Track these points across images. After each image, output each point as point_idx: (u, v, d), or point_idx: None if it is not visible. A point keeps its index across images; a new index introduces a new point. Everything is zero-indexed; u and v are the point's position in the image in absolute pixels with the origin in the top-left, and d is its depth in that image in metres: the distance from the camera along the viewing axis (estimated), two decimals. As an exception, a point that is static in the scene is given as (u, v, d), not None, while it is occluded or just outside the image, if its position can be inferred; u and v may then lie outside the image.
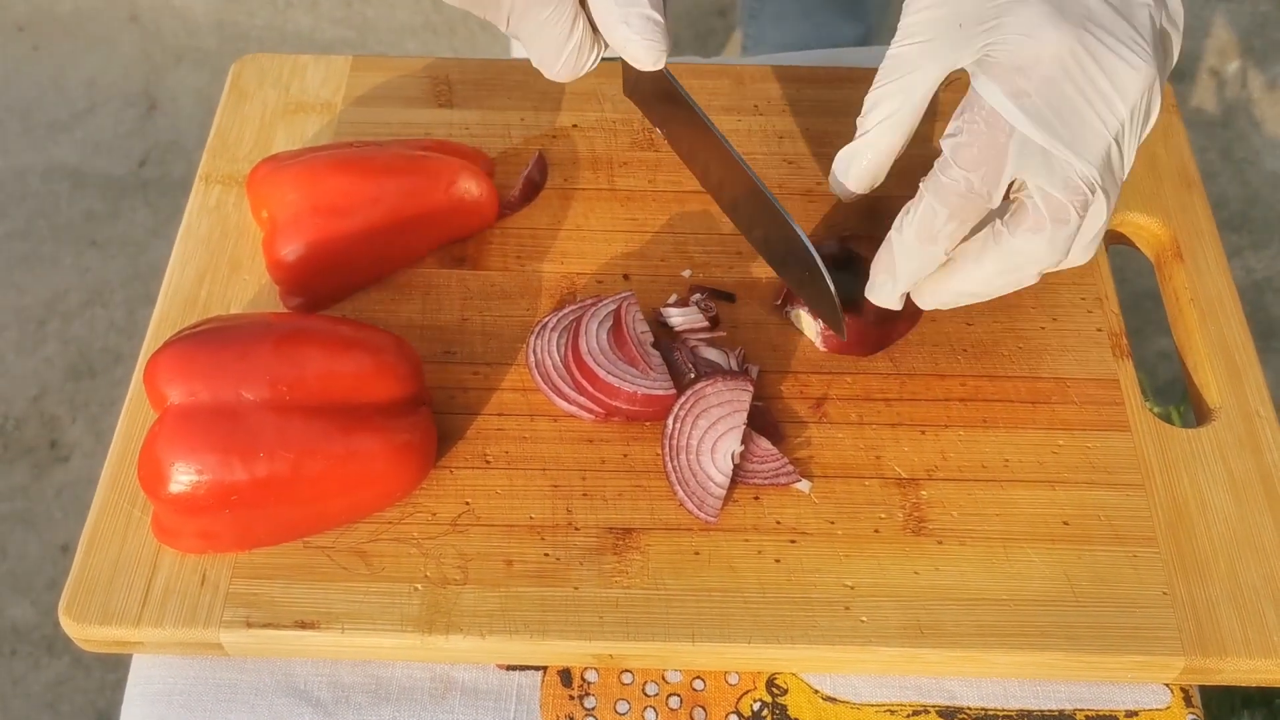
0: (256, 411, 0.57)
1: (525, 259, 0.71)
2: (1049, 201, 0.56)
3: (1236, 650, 0.58)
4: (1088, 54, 0.55)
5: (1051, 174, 0.56)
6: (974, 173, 0.56)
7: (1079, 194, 0.56)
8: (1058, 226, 0.57)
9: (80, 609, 0.58)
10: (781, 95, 0.79)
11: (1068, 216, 0.56)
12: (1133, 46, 0.55)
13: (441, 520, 0.61)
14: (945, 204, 0.58)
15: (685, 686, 0.59)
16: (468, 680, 0.60)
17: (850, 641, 0.57)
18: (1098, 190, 0.56)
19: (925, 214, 0.58)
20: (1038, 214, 0.57)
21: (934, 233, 0.58)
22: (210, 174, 0.74)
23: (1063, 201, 0.56)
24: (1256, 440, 0.64)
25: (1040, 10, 0.55)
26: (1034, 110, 0.55)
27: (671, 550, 0.60)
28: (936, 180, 0.58)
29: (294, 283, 0.67)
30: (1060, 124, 0.55)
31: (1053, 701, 0.59)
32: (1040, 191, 0.56)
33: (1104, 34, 0.55)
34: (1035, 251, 0.58)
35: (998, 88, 0.56)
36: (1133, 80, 0.55)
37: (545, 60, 0.60)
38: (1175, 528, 0.61)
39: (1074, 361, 0.67)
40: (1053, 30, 0.55)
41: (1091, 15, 0.55)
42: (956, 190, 0.57)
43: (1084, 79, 0.55)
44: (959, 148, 0.57)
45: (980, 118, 0.56)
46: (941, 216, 0.58)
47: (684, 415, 0.62)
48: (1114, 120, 0.56)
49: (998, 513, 0.61)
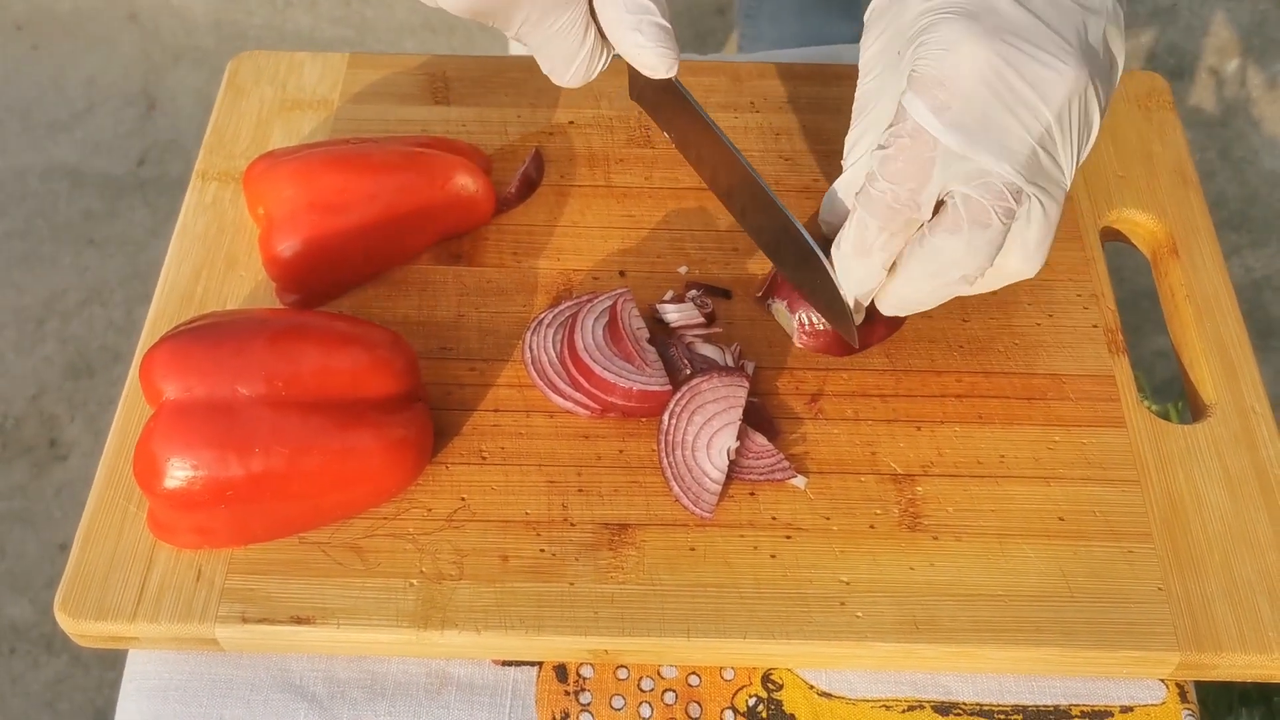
0: (252, 407, 0.57)
1: (522, 255, 0.71)
2: (968, 203, 0.57)
3: (1231, 646, 0.58)
4: (1007, 64, 0.55)
5: (970, 179, 0.56)
6: (900, 185, 0.57)
7: (1000, 198, 0.57)
8: (975, 229, 0.57)
9: (76, 604, 0.58)
10: (778, 92, 0.79)
11: (988, 220, 0.57)
12: (1055, 53, 0.56)
13: (437, 516, 0.61)
14: (875, 216, 0.58)
15: (681, 682, 0.59)
16: (463, 676, 0.60)
17: (846, 637, 0.57)
18: (1025, 195, 0.57)
19: (858, 228, 0.59)
20: (955, 215, 0.57)
21: (868, 245, 0.59)
22: (207, 170, 0.74)
23: (982, 204, 0.57)
24: (1252, 436, 0.64)
25: (958, 25, 0.56)
26: (955, 122, 0.56)
27: (667, 546, 0.60)
28: (866, 193, 0.59)
29: (290, 279, 0.67)
30: (982, 132, 0.56)
31: (1048, 697, 0.59)
32: (960, 195, 0.57)
33: (1024, 43, 0.56)
34: (954, 253, 0.58)
35: (920, 102, 0.56)
36: (1056, 84, 0.56)
37: (556, 69, 0.61)
38: (1170, 523, 0.61)
39: (1070, 358, 0.67)
40: (971, 43, 0.55)
41: (1011, 26, 0.56)
42: (884, 202, 0.58)
43: (1004, 88, 0.56)
44: (886, 160, 0.58)
45: (906, 132, 0.57)
46: (873, 229, 0.59)
47: (679, 411, 0.62)
48: (1037, 125, 0.56)
49: (993, 508, 0.61)
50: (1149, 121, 0.78)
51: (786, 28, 1.28)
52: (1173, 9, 1.91)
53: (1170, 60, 1.86)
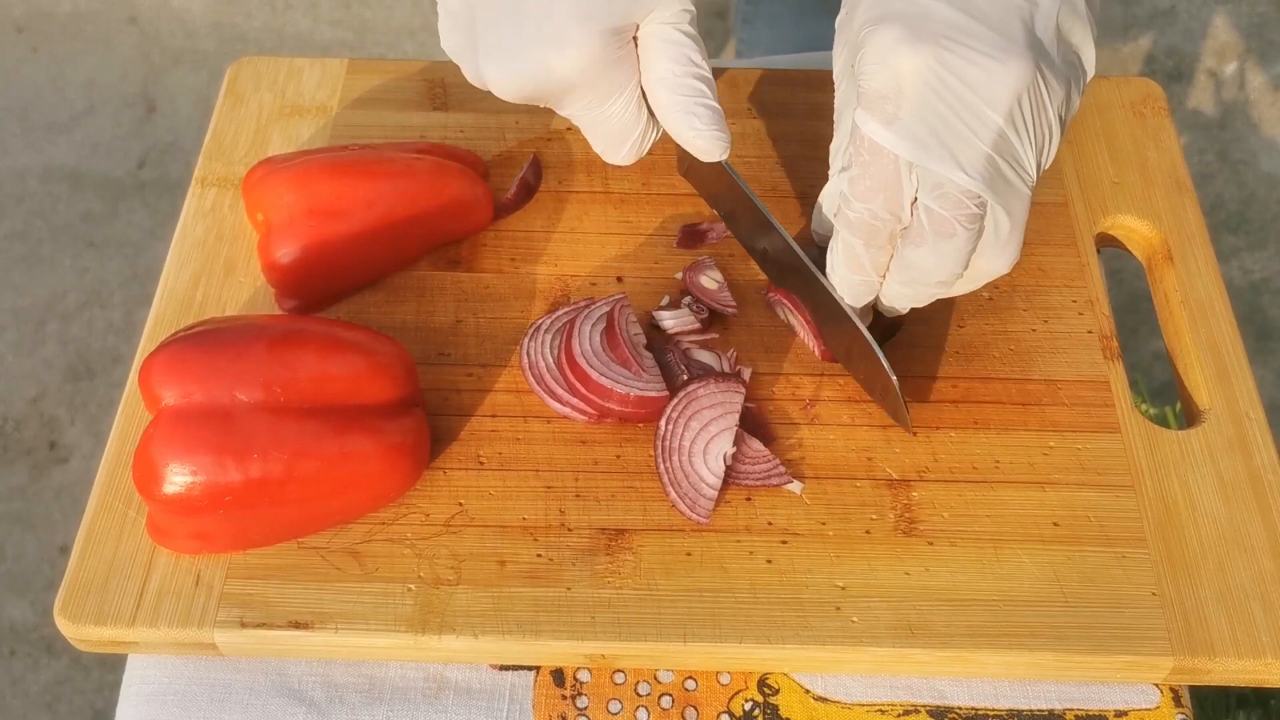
0: (251, 413, 0.57)
1: (519, 261, 0.71)
2: (930, 215, 0.57)
3: (1225, 650, 0.58)
4: (947, 70, 0.54)
5: (933, 189, 0.56)
6: (873, 202, 0.57)
7: (960, 207, 0.56)
8: (941, 239, 0.57)
9: (75, 609, 0.58)
10: (775, 98, 0.79)
11: (952, 230, 0.57)
12: (994, 53, 0.54)
13: (435, 521, 0.61)
14: (858, 236, 0.59)
15: (677, 686, 0.60)
16: (461, 680, 0.60)
17: (841, 642, 0.58)
18: (988, 201, 0.56)
19: (845, 249, 0.60)
20: (920, 228, 0.57)
21: (859, 263, 0.60)
22: (206, 177, 0.75)
23: (945, 216, 0.56)
24: (1246, 442, 0.65)
25: (894, 33, 0.55)
26: (907, 133, 0.55)
27: (664, 551, 0.60)
28: (844, 216, 0.59)
29: (289, 285, 0.68)
30: (935, 142, 0.55)
31: (1042, 701, 0.60)
32: (923, 207, 0.57)
33: (961, 46, 0.54)
34: (925, 264, 0.58)
35: (869, 117, 0.56)
36: (999, 86, 0.54)
37: (610, 149, 0.62)
38: (1165, 529, 0.62)
39: (1065, 363, 0.67)
40: (908, 51, 0.54)
41: (948, 29, 0.55)
42: (863, 221, 0.58)
43: (949, 94, 0.55)
44: (854, 181, 0.58)
45: (864, 149, 0.57)
46: (859, 247, 0.59)
47: (676, 417, 0.62)
48: (987, 131, 0.55)
49: (988, 514, 0.62)
50: (1144, 127, 0.78)
51: (783, 32, 1.28)
52: (1171, 11, 1.92)
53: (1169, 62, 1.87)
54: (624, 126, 0.61)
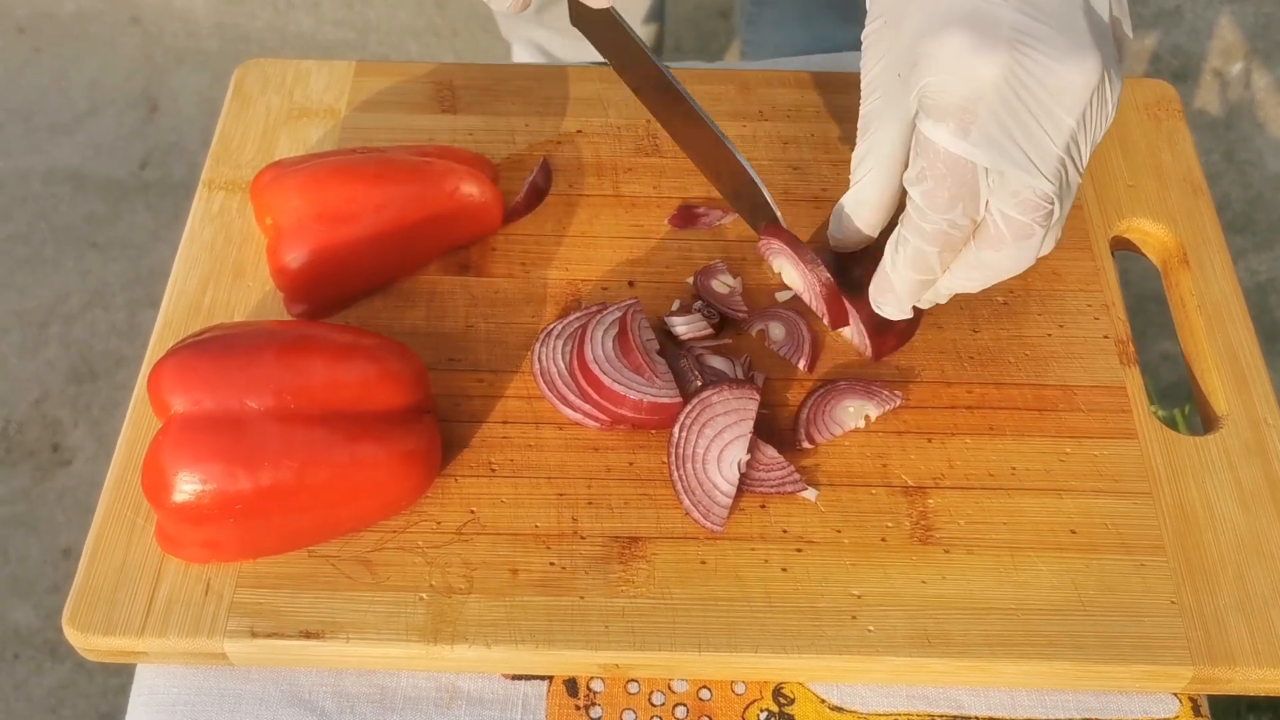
0: (260, 420, 0.57)
1: (530, 266, 0.71)
2: (1008, 222, 0.57)
3: (1245, 660, 0.57)
4: (1025, 72, 0.54)
5: (1010, 195, 0.56)
6: (952, 212, 0.57)
7: (1039, 211, 0.56)
8: (1020, 242, 0.57)
9: (84, 619, 0.58)
10: (786, 101, 0.79)
11: (1030, 233, 0.57)
12: (1068, 55, 0.54)
13: (446, 529, 0.60)
14: (934, 244, 0.58)
15: (691, 696, 0.59)
16: (473, 690, 0.59)
17: (857, 651, 0.57)
18: (1055, 200, 0.56)
19: (916, 255, 0.59)
20: (999, 232, 0.57)
21: (928, 266, 0.60)
22: (213, 180, 0.74)
23: (1022, 221, 0.56)
24: (1264, 447, 0.64)
25: (965, 41, 0.54)
26: (985, 142, 0.55)
27: (678, 559, 0.60)
28: (919, 227, 0.58)
29: (298, 290, 0.67)
30: (1013, 147, 0.55)
31: (1060, 710, 0.59)
32: (999, 213, 0.57)
33: (1035, 49, 0.54)
34: (1002, 264, 0.59)
35: (944, 129, 0.55)
36: (1075, 90, 0.54)
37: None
38: (1183, 536, 0.61)
39: (1081, 369, 0.67)
40: (983, 60, 0.54)
41: (1019, 30, 0.54)
42: (941, 230, 0.58)
43: (1028, 97, 0.54)
44: (929, 195, 0.57)
45: (939, 161, 0.56)
46: (933, 254, 0.59)
47: (690, 424, 0.62)
48: (1062, 135, 0.55)
49: (1005, 521, 0.61)
50: (1159, 130, 0.77)
51: (789, 34, 1.27)
52: (1177, 11, 1.91)
53: (1174, 62, 1.86)
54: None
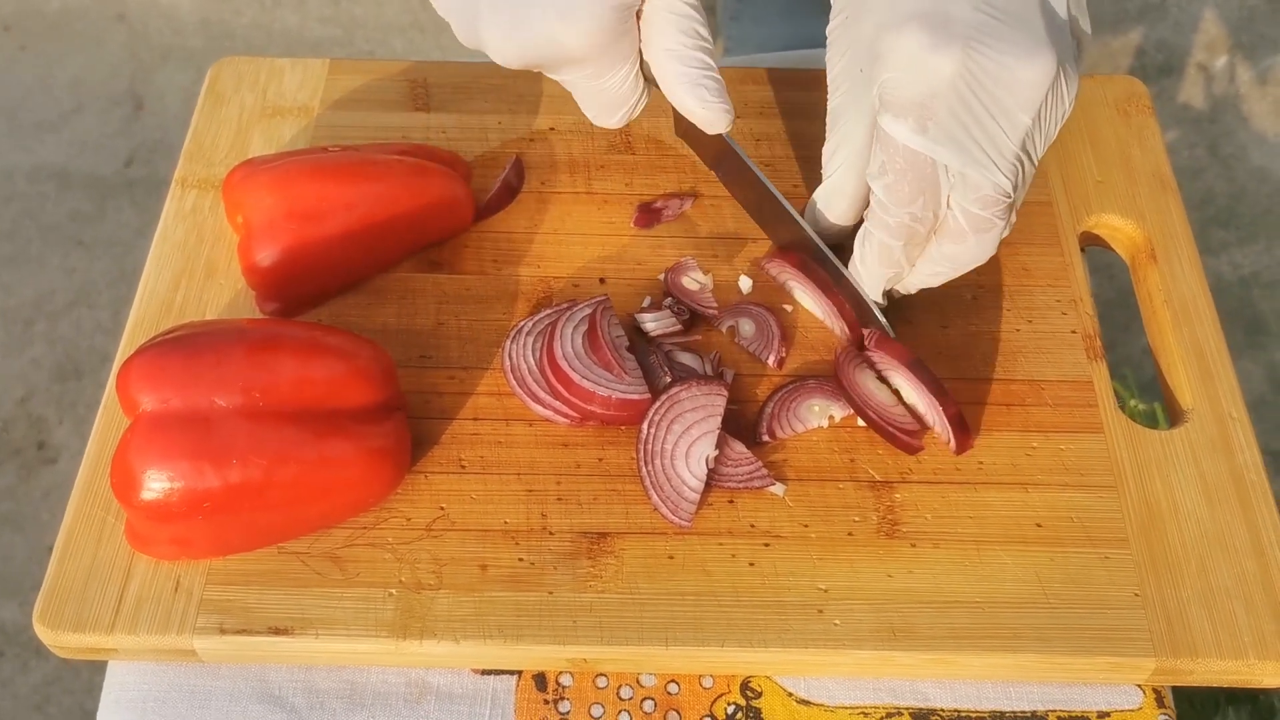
0: (229, 418, 0.57)
1: (502, 263, 0.71)
2: (968, 217, 0.58)
3: (1208, 651, 0.58)
4: (981, 70, 0.55)
5: (970, 191, 0.57)
6: (913, 206, 0.58)
7: (998, 205, 0.57)
8: (981, 235, 0.59)
9: (54, 616, 0.58)
10: (760, 97, 0.79)
11: (989, 226, 0.59)
12: (1022, 52, 0.54)
13: (416, 525, 0.61)
14: (898, 238, 0.60)
15: (660, 690, 0.59)
16: (443, 685, 0.60)
17: (823, 644, 0.58)
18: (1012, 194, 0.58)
19: (881, 249, 0.61)
20: (959, 227, 0.59)
21: (894, 260, 0.61)
22: (187, 178, 0.74)
23: (981, 216, 0.58)
24: (1229, 442, 0.64)
25: (921, 38, 0.55)
26: (944, 138, 0.56)
27: (646, 554, 0.60)
28: (882, 221, 0.59)
29: (270, 288, 0.67)
30: (971, 144, 0.56)
31: (1025, 702, 0.60)
32: (960, 209, 0.58)
33: (991, 47, 0.54)
34: (964, 256, 0.60)
35: (902, 125, 0.56)
36: (1030, 88, 0.55)
37: (602, 115, 0.63)
38: (1147, 529, 0.61)
39: (1048, 364, 0.67)
40: (940, 57, 0.54)
41: (975, 28, 0.54)
42: (903, 224, 0.59)
43: (984, 94, 0.55)
44: (890, 189, 0.58)
45: (899, 156, 0.57)
46: (897, 248, 0.60)
47: (658, 420, 0.62)
48: (1018, 131, 0.56)
49: (971, 515, 0.62)
50: (1128, 126, 0.78)
51: (771, 29, 1.28)
52: (1161, 5, 1.91)
53: (1159, 56, 1.86)
54: (622, 96, 0.62)
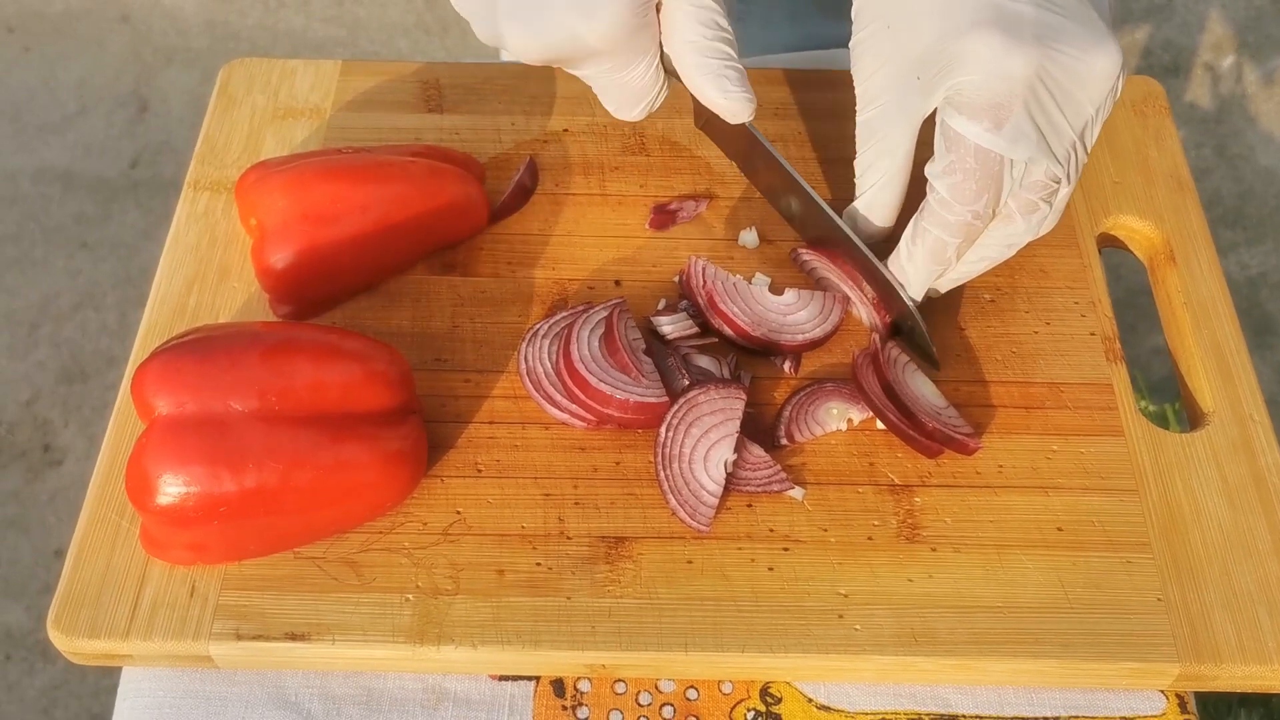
0: (245, 422, 0.57)
1: (516, 265, 0.70)
2: (1018, 200, 0.59)
3: (1231, 656, 0.57)
4: (1056, 66, 0.56)
5: (1025, 178, 0.59)
6: (977, 204, 0.59)
7: (1047, 189, 0.59)
8: (1028, 216, 0.60)
9: (69, 622, 0.57)
10: (775, 98, 0.79)
11: (1036, 208, 0.60)
12: (1095, 45, 0.57)
13: (433, 530, 0.60)
14: (957, 235, 0.60)
15: (679, 696, 0.59)
16: (460, 691, 0.59)
17: (844, 650, 0.57)
18: (1063, 179, 0.59)
19: (936, 246, 0.61)
20: (1009, 211, 0.60)
21: (946, 257, 0.61)
22: (199, 180, 0.74)
23: (1032, 200, 0.59)
24: (1250, 444, 0.64)
25: (996, 41, 0.56)
26: (1015, 136, 0.57)
27: (664, 559, 0.60)
28: (942, 218, 0.59)
29: (283, 290, 0.67)
30: (1041, 139, 0.57)
31: (1048, 708, 0.59)
32: (1011, 195, 0.59)
33: (1064, 46, 0.56)
34: (1010, 236, 0.61)
35: (978, 126, 0.57)
36: (1101, 79, 0.57)
37: (623, 108, 0.64)
38: (1169, 533, 0.61)
39: (1067, 366, 0.67)
40: (1016, 59, 0.56)
41: (1044, 26, 0.56)
42: (964, 222, 0.60)
43: (1058, 92, 0.57)
44: (956, 187, 0.59)
45: (968, 155, 0.58)
46: (953, 245, 0.61)
47: (676, 423, 0.62)
48: (1080, 120, 0.58)
49: (991, 519, 0.61)
50: (1145, 127, 0.77)
51: (777, 30, 1.27)
52: (1168, 5, 1.91)
53: (1165, 57, 1.86)
54: (642, 89, 0.62)
